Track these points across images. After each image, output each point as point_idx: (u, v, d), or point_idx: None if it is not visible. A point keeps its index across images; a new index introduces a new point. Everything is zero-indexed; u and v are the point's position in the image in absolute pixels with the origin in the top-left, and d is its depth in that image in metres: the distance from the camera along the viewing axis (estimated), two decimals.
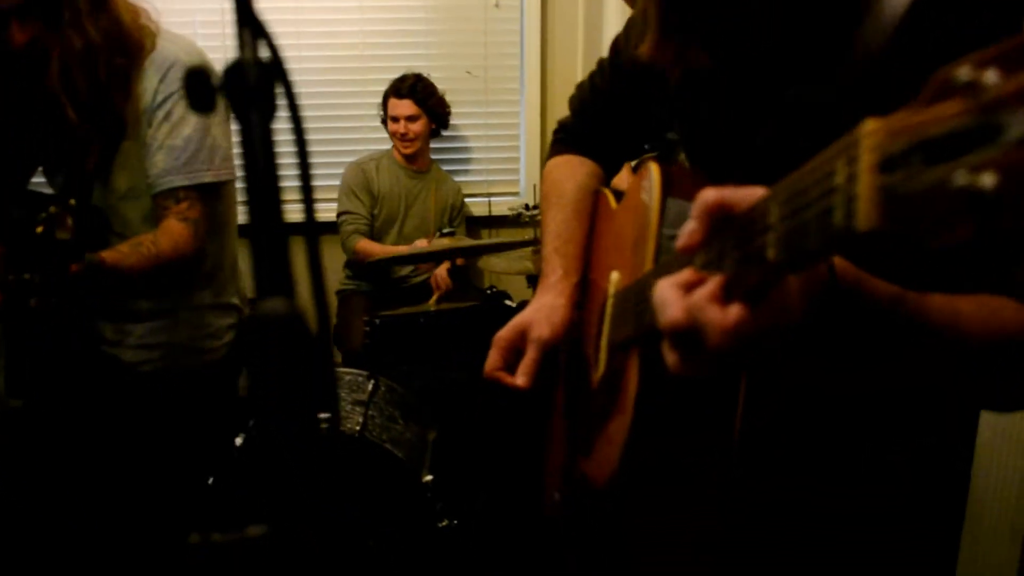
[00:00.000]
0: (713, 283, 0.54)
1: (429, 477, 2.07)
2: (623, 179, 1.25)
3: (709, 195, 0.54)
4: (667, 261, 0.66)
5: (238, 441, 1.97)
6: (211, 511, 1.86)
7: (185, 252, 1.65)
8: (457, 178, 3.69)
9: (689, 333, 0.55)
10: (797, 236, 0.43)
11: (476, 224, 3.86)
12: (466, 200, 3.69)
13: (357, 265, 3.37)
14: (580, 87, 1.27)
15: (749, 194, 0.53)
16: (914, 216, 0.33)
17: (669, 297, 0.56)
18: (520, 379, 1.06)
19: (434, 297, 3.03)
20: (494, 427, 2.54)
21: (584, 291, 1.14)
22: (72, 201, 1.39)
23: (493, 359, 1.10)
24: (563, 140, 1.30)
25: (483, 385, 1.09)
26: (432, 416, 2.40)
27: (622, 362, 0.88)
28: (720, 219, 0.54)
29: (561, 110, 1.46)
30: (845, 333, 0.65)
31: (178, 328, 1.81)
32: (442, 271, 3.27)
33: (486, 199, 3.79)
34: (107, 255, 1.54)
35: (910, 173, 0.33)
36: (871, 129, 0.36)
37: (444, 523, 2.04)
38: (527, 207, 3.47)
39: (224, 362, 1.91)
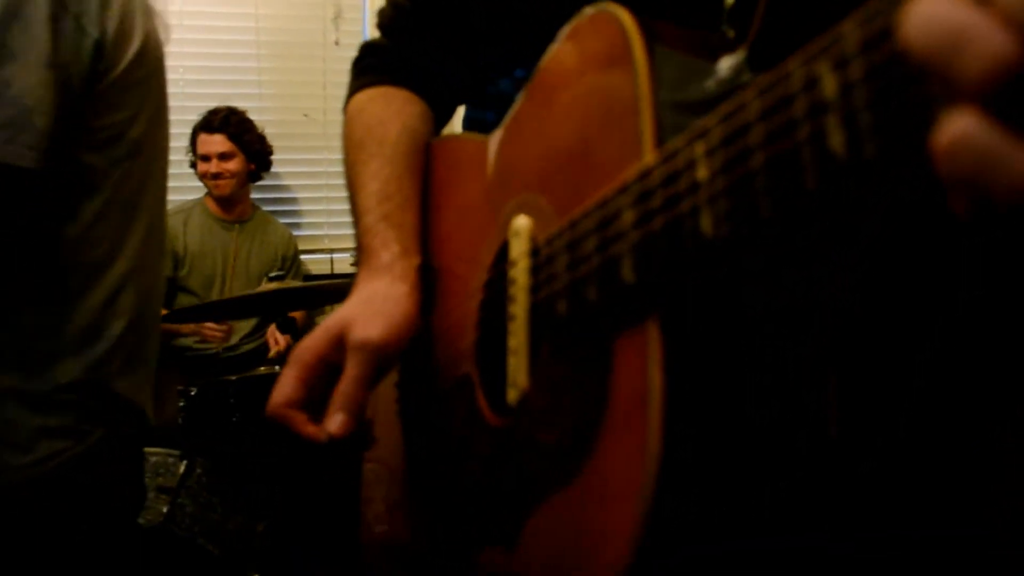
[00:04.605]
0: None
1: None
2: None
3: None
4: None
5: None
6: None
7: None
8: (294, 233, 3.34)
9: None
10: None
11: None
12: (304, 257, 3.33)
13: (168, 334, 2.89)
14: None
15: None
16: None
17: None
18: (334, 422, 0.65)
19: (271, 353, 2.64)
20: (342, 511, 2.16)
21: (429, 287, 0.78)
22: None
23: (286, 386, 0.68)
24: (373, 67, 0.88)
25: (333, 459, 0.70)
26: (262, 502, 2.13)
27: (590, 358, 0.52)
28: None
29: None
30: None
31: None
32: (272, 328, 2.86)
33: (327, 255, 3.42)
34: None
35: None
36: None
37: None
38: None
39: (44, 495, 1.12)
